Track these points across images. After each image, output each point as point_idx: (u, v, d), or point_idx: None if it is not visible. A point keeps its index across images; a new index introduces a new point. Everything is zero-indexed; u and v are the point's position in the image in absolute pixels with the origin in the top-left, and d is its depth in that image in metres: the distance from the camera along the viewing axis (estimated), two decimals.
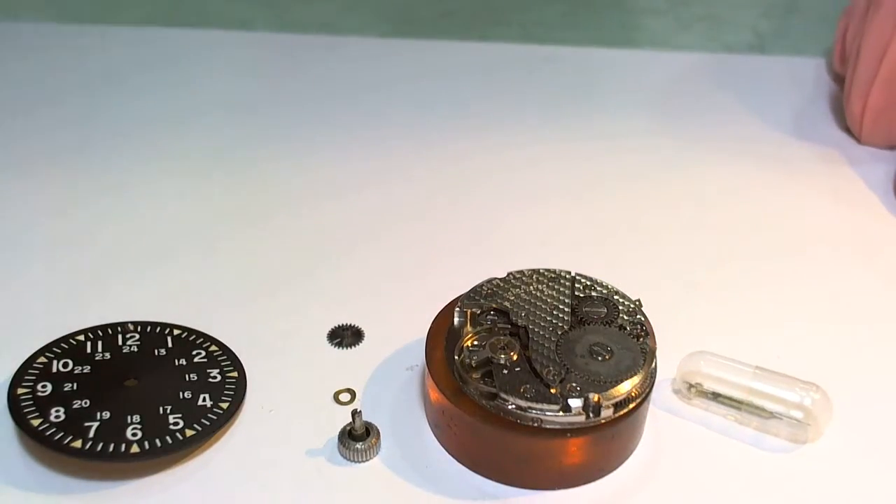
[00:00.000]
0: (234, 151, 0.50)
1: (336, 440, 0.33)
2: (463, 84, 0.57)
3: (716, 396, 0.34)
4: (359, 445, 0.32)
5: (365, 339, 0.38)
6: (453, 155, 0.50)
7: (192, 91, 0.55)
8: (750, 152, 0.51)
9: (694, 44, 0.63)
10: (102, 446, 0.32)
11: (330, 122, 0.52)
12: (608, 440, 0.31)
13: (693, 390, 0.34)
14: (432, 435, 0.34)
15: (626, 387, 0.31)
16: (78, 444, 0.32)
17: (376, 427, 0.33)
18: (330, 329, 0.38)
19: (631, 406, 0.31)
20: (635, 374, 0.31)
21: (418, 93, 0.55)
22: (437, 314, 0.35)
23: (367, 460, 0.33)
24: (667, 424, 0.34)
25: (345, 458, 0.33)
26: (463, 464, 0.33)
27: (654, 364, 0.32)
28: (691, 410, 0.35)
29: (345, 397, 0.35)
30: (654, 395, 0.32)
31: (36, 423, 0.32)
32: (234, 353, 0.36)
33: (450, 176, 0.48)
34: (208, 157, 0.49)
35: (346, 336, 0.38)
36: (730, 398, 0.34)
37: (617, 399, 0.31)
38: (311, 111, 0.53)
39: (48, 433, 0.32)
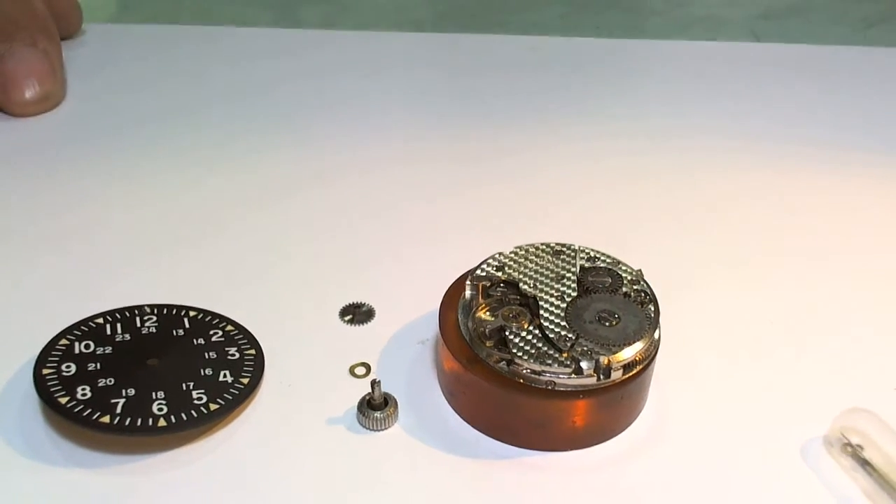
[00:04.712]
0: (243, 137, 0.51)
1: (355, 410, 0.34)
2: (463, 73, 0.58)
3: (865, 464, 0.32)
4: (378, 414, 0.34)
5: (376, 315, 0.39)
6: (457, 137, 0.51)
7: (196, 84, 0.56)
8: (763, 148, 0.52)
9: None
10: (130, 421, 0.33)
11: (334, 110, 0.54)
12: (618, 401, 0.33)
13: (849, 449, 0.32)
14: (447, 403, 0.35)
15: (634, 350, 0.32)
16: (106, 419, 0.33)
17: (394, 397, 0.34)
18: (342, 306, 0.39)
19: (638, 368, 0.33)
20: (642, 337, 0.33)
21: (419, 81, 0.57)
22: (447, 288, 0.36)
23: (385, 429, 0.34)
24: (670, 389, 0.36)
25: (364, 426, 0.34)
26: (477, 429, 0.34)
27: (657, 329, 0.34)
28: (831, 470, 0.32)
29: (360, 371, 0.36)
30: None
31: (63, 400, 0.33)
32: (250, 332, 0.37)
33: (453, 158, 0.50)
34: (217, 144, 0.50)
35: (357, 313, 0.39)
36: (882, 474, 0.31)
37: (625, 361, 0.32)
38: (314, 100, 0.54)
39: (76, 410, 0.33)
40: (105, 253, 0.42)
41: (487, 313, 0.34)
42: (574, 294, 0.34)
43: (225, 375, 0.35)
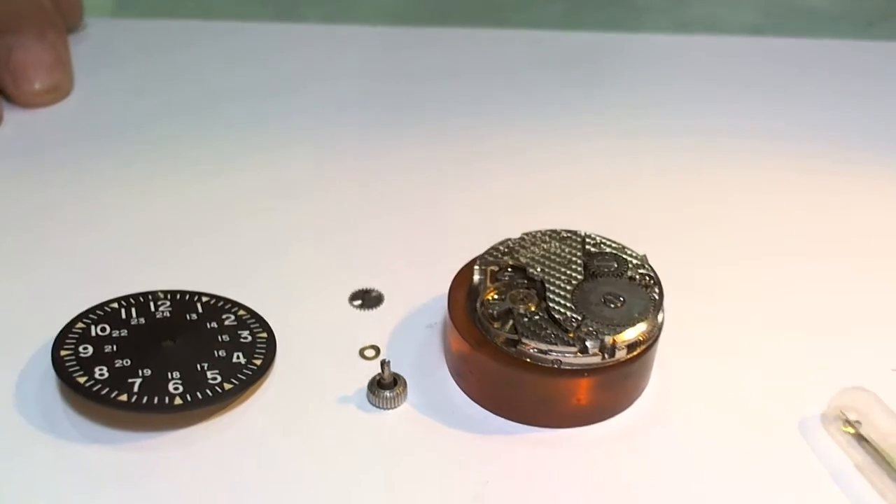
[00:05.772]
0: (253, 128, 0.52)
1: (365, 390, 0.35)
2: (466, 67, 0.59)
3: (861, 440, 0.33)
4: (387, 393, 0.35)
5: (385, 300, 0.40)
6: (464, 127, 0.52)
7: (203, 81, 0.57)
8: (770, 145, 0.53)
9: None
10: (147, 399, 0.34)
11: (341, 106, 0.54)
12: (621, 380, 0.34)
13: (848, 426, 0.33)
14: (454, 384, 0.36)
15: (638, 330, 0.33)
16: (124, 397, 0.33)
17: (403, 377, 0.35)
18: (351, 292, 0.40)
19: (642, 348, 0.34)
20: (646, 319, 0.34)
21: (424, 77, 0.58)
22: (456, 272, 0.37)
23: (395, 407, 0.35)
24: (673, 369, 0.37)
25: (374, 405, 0.35)
26: (485, 407, 0.35)
27: (661, 311, 0.35)
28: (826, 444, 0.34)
29: (369, 353, 0.37)
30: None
31: (82, 380, 0.34)
32: (261, 317, 0.38)
33: (458, 149, 0.51)
34: (225, 135, 0.51)
35: (366, 298, 0.40)
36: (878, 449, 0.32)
37: (630, 341, 0.33)
38: (319, 96, 0.55)
39: (95, 389, 0.34)
40: (117, 241, 0.43)
41: (495, 296, 0.35)
42: (580, 278, 0.35)
43: (238, 357, 0.36)
